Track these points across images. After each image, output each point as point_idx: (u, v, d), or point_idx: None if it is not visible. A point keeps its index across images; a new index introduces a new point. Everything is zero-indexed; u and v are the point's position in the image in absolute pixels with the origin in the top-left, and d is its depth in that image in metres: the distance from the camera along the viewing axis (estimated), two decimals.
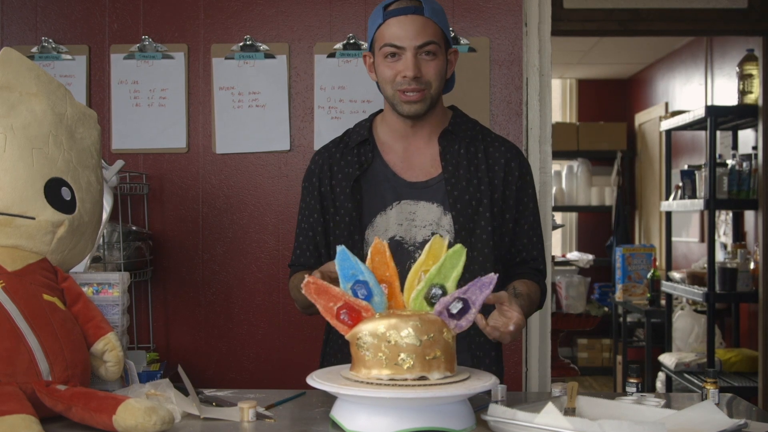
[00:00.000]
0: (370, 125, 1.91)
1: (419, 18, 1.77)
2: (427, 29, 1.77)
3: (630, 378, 1.65)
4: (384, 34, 1.79)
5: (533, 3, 2.74)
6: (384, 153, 1.88)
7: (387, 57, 1.79)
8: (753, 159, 4.27)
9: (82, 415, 1.35)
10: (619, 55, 6.46)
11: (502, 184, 1.86)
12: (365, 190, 1.86)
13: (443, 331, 1.36)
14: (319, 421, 1.44)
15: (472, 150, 1.87)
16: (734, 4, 3.87)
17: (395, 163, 1.87)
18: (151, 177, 2.75)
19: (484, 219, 1.82)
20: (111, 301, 1.75)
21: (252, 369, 2.75)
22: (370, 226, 1.83)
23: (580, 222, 7.44)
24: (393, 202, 1.85)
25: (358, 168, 1.86)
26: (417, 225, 1.83)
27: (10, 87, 1.58)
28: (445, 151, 1.86)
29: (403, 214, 1.84)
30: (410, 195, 1.85)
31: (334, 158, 1.90)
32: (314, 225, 1.91)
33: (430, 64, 1.78)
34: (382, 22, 1.80)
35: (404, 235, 1.83)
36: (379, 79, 1.85)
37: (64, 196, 1.60)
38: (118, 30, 2.75)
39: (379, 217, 1.85)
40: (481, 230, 1.82)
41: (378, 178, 1.86)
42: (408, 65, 1.76)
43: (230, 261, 2.76)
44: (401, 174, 1.86)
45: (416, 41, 1.76)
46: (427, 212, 1.84)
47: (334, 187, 1.88)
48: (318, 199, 1.90)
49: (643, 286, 5.39)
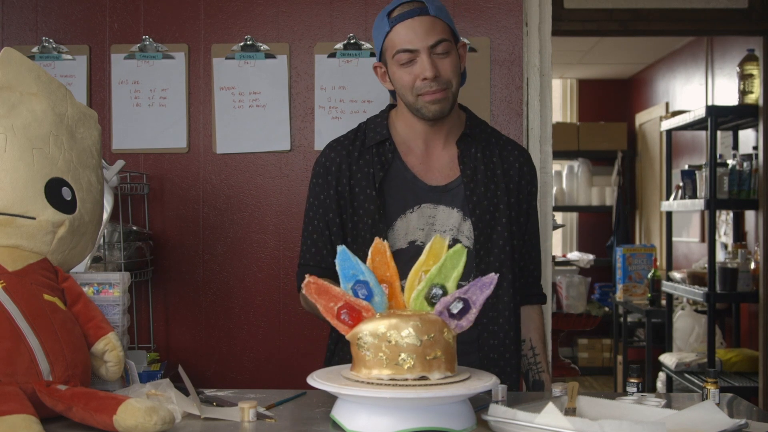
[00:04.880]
0: (387, 123, 1.89)
1: (426, 18, 1.75)
2: (436, 28, 1.76)
3: (630, 378, 1.65)
4: (394, 41, 1.77)
5: (533, 3, 2.73)
6: (403, 154, 1.86)
7: (403, 64, 1.77)
8: (753, 159, 4.27)
9: (83, 415, 1.35)
10: (619, 55, 6.46)
11: (516, 189, 1.87)
12: (386, 192, 1.83)
13: (444, 331, 1.36)
14: (320, 421, 1.44)
15: (487, 154, 1.87)
16: (734, 4, 3.87)
17: (414, 165, 1.86)
18: (152, 177, 2.75)
19: (500, 224, 1.83)
20: (111, 301, 1.75)
21: (252, 369, 2.75)
22: (391, 230, 1.81)
23: (581, 222, 7.44)
24: (414, 205, 1.83)
25: (380, 169, 1.83)
26: (437, 230, 1.82)
27: (10, 87, 1.58)
28: (463, 154, 1.86)
29: (423, 218, 1.83)
30: (430, 198, 1.84)
31: (353, 157, 1.86)
32: (330, 224, 1.85)
33: (445, 62, 1.77)
34: (389, 29, 1.77)
35: (425, 239, 1.81)
36: (397, 87, 1.82)
37: (64, 196, 1.60)
38: (119, 30, 2.75)
39: (400, 220, 1.83)
40: (497, 235, 1.83)
41: (398, 180, 1.84)
42: (425, 66, 1.74)
43: (230, 261, 2.76)
44: (421, 176, 1.85)
45: (428, 41, 1.75)
46: (447, 217, 1.83)
47: (354, 187, 1.84)
48: (334, 198, 1.84)
49: (644, 286, 5.40)
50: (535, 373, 1.91)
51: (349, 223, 1.84)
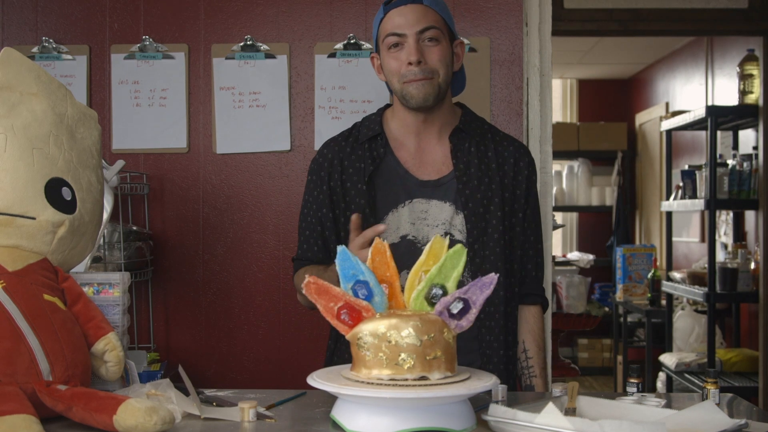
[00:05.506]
0: (380, 119, 1.90)
1: (419, 6, 1.79)
2: (427, 16, 1.78)
3: (630, 378, 1.65)
4: (386, 27, 1.81)
5: (533, 3, 2.74)
6: (396, 149, 1.88)
7: (390, 48, 1.80)
8: (753, 159, 4.27)
9: (83, 415, 1.35)
10: (619, 55, 6.46)
11: (512, 184, 1.87)
12: (378, 186, 1.85)
13: (444, 331, 1.36)
14: (320, 421, 1.44)
15: (482, 149, 1.87)
16: (734, 4, 3.87)
17: (407, 160, 1.87)
18: (152, 177, 2.75)
19: (495, 218, 1.83)
20: (111, 301, 1.75)
21: (252, 369, 2.75)
22: (383, 223, 1.83)
23: (581, 222, 7.44)
24: (405, 200, 1.84)
25: (371, 164, 1.85)
26: (429, 224, 1.83)
27: (10, 87, 1.58)
28: (456, 148, 1.86)
29: (415, 212, 1.84)
30: (422, 193, 1.84)
31: (345, 152, 1.88)
32: (323, 219, 1.89)
33: (433, 50, 1.78)
34: (383, 16, 1.82)
35: (417, 234, 1.83)
36: (386, 74, 1.85)
37: (64, 196, 1.60)
38: (119, 30, 2.75)
39: (391, 214, 1.84)
40: (492, 229, 1.83)
41: (390, 175, 1.86)
42: (411, 51, 1.77)
43: (231, 261, 2.76)
44: (413, 171, 1.86)
45: (417, 27, 1.77)
46: (440, 211, 1.84)
47: (345, 181, 1.86)
48: (327, 193, 1.88)
49: (644, 286, 5.40)
50: (527, 378, 1.88)
51: (341, 217, 1.86)
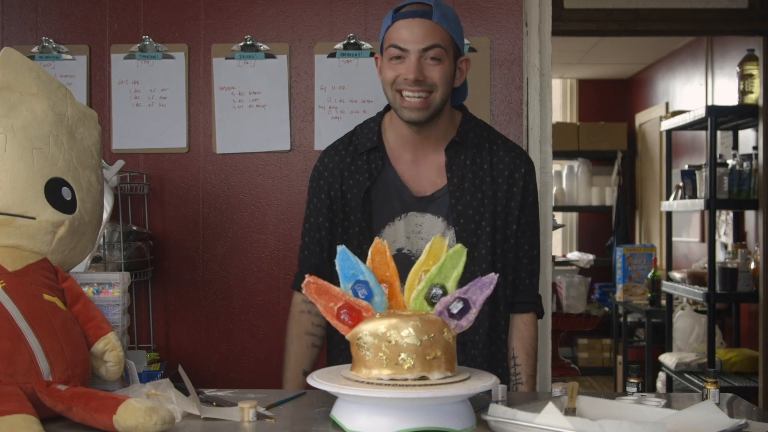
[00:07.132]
0: (379, 129, 1.90)
1: (427, 22, 1.76)
2: (433, 33, 1.76)
3: (630, 378, 1.65)
4: (391, 36, 1.79)
5: (533, 3, 2.74)
6: (393, 160, 1.88)
7: (392, 59, 1.78)
8: (753, 159, 4.27)
9: (83, 415, 1.35)
10: (619, 55, 6.46)
11: (505, 197, 1.86)
12: (375, 199, 1.86)
13: (444, 331, 1.36)
14: (320, 421, 1.44)
15: (478, 161, 1.86)
16: (734, 4, 3.87)
17: (403, 172, 1.87)
18: (152, 177, 2.75)
19: (485, 233, 1.83)
20: (111, 301, 1.75)
21: (252, 369, 2.75)
22: (379, 237, 1.81)
23: (581, 222, 7.44)
24: (401, 213, 1.85)
25: (368, 177, 1.85)
26: (423, 237, 1.84)
27: (10, 87, 1.58)
28: (452, 162, 1.85)
29: (410, 226, 1.85)
30: (417, 207, 1.86)
31: (345, 163, 1.89)
32: (320, 227, 1.91)
33: (434, 68, 1.76)
34: (391, 24, 1.80)
35: (411, 247, 1.85)
36: (381, 79, 1.84)
37: (64, 196, 1.60)
38: (119, 30, 2.75)
39: (388, 227, 1.86)
40: (482, 245, 1.83)
41: (387, 188, 1.86)
42: (410, 68, 1.75)
43: (231, 261, 2.76)
44: (409, 185, 1.86)
45: (421, 44, 1.75)
46: (433, 225, 1.85)
47: (345, 193, 1.87)
48: (326, 203, 1.89)
49: (644, 286, 5.39)
50: (513, 384, 1.88)
51: (339, 227, 1.88)
